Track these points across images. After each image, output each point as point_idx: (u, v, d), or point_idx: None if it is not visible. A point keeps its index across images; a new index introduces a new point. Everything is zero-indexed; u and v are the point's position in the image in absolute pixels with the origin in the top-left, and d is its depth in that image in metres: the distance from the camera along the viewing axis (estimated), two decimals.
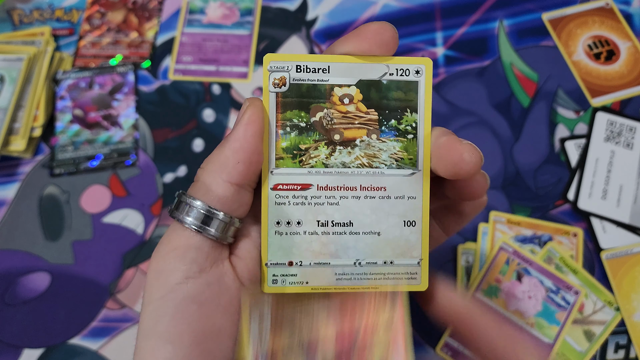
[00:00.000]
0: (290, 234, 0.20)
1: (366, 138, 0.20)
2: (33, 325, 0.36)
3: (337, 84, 0.20)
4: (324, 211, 0.20)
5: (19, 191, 0.40)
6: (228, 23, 0.45)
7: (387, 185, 0.20)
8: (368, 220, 0.20)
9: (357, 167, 0.20)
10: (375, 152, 0.20)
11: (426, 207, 0.20)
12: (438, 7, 0.45)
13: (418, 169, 0.20)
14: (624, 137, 0.39)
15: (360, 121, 0.20)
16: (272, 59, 0.20)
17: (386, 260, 0.20)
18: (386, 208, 0.20)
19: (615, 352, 0.33)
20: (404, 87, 0.20)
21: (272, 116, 0.20)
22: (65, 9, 0.47)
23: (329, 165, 0.20)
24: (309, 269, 0.20)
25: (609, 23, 0.43)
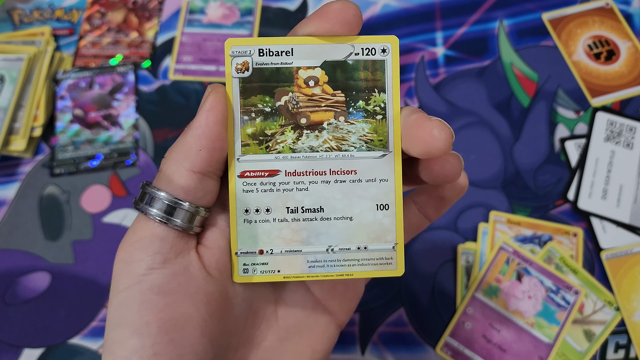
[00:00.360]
0: (260, 222, 0.20)
1: (334, 121, 0.19)
2: (33, 325, 0.36)
3: (301, 66, 0.19)
4: (293, 197, 0.20)
5: (19, 191, 0.40)
6: (228, 23, 0.45)
7: (357, 169, 0.20)
8: (339, 205, 0.20)
9: (326, 151, 0.19)
10: (344, 135, 0.19)
11: (399, 189, 0.20)
12: (438, 7, 0.45)
13: (389, 150, 0.19)
14: (624, 137, 0.39)
15: (327, 103, 0.19)
16: (233, 44, 0.19)
17: (360, 245, 0.20)
18: (358, 192, 0.20)
19: (615, 352, 0.33)
20: (370, 66, 0.19)
21: (237, 102, 0.19)
22: (65, 9, 0.47)
23: (296, 150, 0.19)
24: (280, 257, 0.20)
25: (609, 23, 0.43)
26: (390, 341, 0.34)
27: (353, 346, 0.34)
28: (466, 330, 0.34)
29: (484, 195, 0.38)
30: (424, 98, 0.42)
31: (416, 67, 0.43)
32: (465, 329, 0.34)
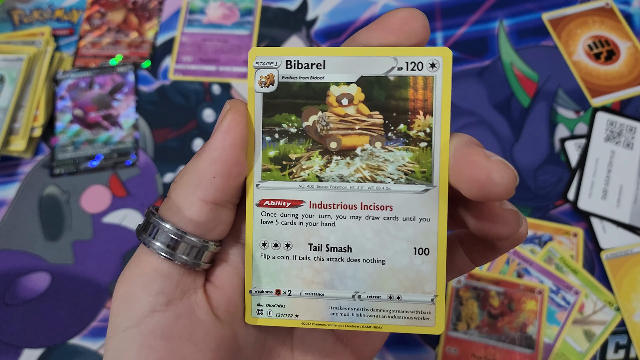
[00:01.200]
0: (279, 258, 0.17)
1: (369, 146, 0.17)
2: (33, 325, 0.36)
3: (334, 81, 0.16)
4: (317, 232, 0.17)
5: (19, 191, 0.40)
6: (228, 23, 0.45)
7: (393, 204, 0.17)
8: (370, 245, 0.17)
9: (358, 182, 0.17)
10: (380, 164, 0.17)
11: (443, 231, 0.16)
12: (438, 7, 0.45)
13: (433, 184, 0.16)
14: (624, 137, 0.39)
15: (362, 126, 0.17)
16: (258, 54, 0.17)
17: (392, 294, 0.17)
18: (392, 231, 0.17)
19: (615, 352, 0.33)
20: (416, 84, 0.16)
21: (258, 120, 0.17)
22: (65, 9, 0.47)
23: (323, 178, 0.17)
24: (300, 300, 0.17)
25: (609, 23, 0.43)
26: (390, 341, 0.34)
27: None
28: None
29: None
30: None
31: None
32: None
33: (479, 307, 0.34)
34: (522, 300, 0.33)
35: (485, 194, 0.15)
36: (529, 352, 0.32)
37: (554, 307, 0.34)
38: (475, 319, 0.34)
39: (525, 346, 0.33)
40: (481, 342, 0.33)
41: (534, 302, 0.33)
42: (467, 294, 0.34)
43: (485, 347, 0.33)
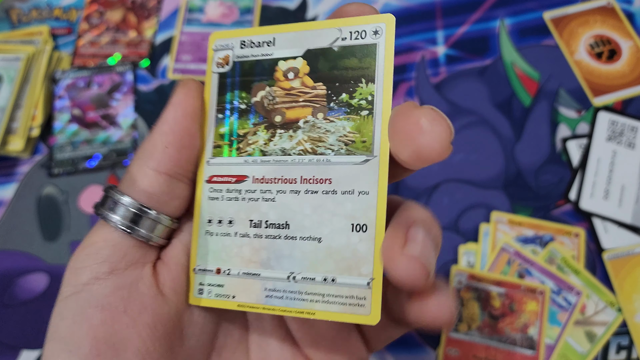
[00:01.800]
0: (221, 235, 0.17)
1: (311, 118, 0.16)
2: (31, 326, 0.36)
3: (282, 57, 0.17)
4: (258, 208, 0.16)
5: (17, 191, 0.40)
6: (227, 22, 0.45)
7: (333, 177, 0.16)
8: (308, 222, 0.16)
9: (299, 154, 0.16)
10: (321, 135, 0.16)
11: (382, 205, 0.15)
12: (439, 5, 0.45)
13: (373, 154, 0.15)
14: (625, 137, 0.38)
15: (305, 98, 0.16)
16: (217, 37, 0.17)
17: (327, 276, 0.16)
18: (331, 206, 0.16)
19: (617, 353, 0.33)
20: (359, 52, 0.16)
21: (213, 99, 0.17)
22: (63, 8, 0.47)
23: (267, 152, 0.16)
24: (237, 280, 0.17)
25: (610, 22, 0.43)
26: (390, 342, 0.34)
27: None
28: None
29: (485, 196, 0.38)
30: (424, 97, 0.41)
31: (417, 67, 0.42)
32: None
33: (480, 308, 0.34)
34: (523, 301, 0.33)
35: (417, 148, 0.13)
36: (530, 353, 0.32)
37: (555, 308, 0.34)
38: (476, 319, 0.33)
39: (527, 347, 0.32)
40: (482, 343, 0.33)
41: (535, 303, 0.33)
42: (468, 295, 0.34)
43: (486, 348, 0.33)
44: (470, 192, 0.38)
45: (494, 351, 0.32)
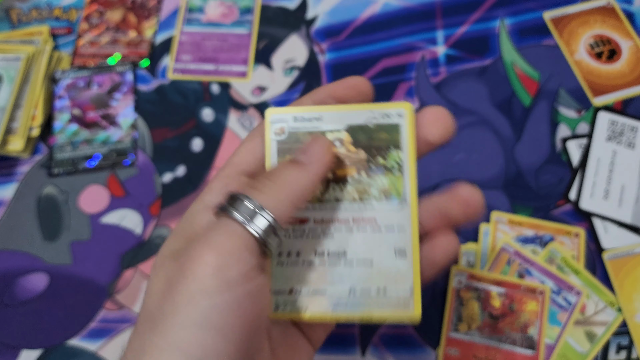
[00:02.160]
0: (291, 265, 0.22)
1: (356, 175, 0.22)
2: (31, 326, 0.36)
3: (329, 129, 0.22)
4: (320, 242, 0.22)
5: (17, 191, 0.40)
6: (227, 22, 0.45)
7: (377, 217, 0.22)
8: (361, 250, 0.22)
9: (349, 202, 0.22)
10: (365, 187, 0.22)
11: (415, 236, 0.21)
12: (439, 5, 0.45)
13: (406, 200, 0.22)
14: (625, 137, 0.38)
15: (350, 160, 0.22)
16: (272, 112, 0.23)
17: (379, 288, 0.21)
18: (377, 238, 0.22)
19: (617, 353, 0.33)
20: (388, 128, 0.22)
21: (274, 161, 0.22)
22: (63, 8, 0.47)
23: (323, 200, 0.22)
24: (307, 297, 0.22)
25: (610, 22, 0.43)
26: (390, 342, 0.34)
27: (353, 347, 0.34)
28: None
29: (485, 196, 0.38)
30: (424, 97, 0.41)
31: (417, 67, 0.42)
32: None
33: (480, 307, 0.34)
34: (523, 301, 0.33)
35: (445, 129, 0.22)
36: (530, 353, 0.32)
37: (555, 308, 0.34)
38: (476, 319, 0.33)
39: (527, 347, 0.33)
40: (482, 343, 0.33)
41: (535, 303, 0.33)
42: (468, 295, 0.34)
43: (486, 348, 0.33)
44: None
45: (494, 351, 0.33)
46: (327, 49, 0.44)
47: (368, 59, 0.43)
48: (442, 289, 0.35)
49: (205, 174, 0.40)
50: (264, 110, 0.42)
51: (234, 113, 0.42)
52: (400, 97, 0.42)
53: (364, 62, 0.43)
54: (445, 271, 0.36)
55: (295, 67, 0.43)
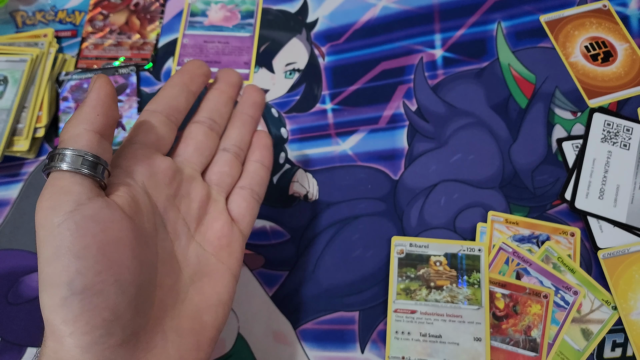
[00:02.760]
0: (404, 340, 0.33)
1: (450, 286, 0.33)
2: (36, 324, 0.36)
3: (432, 254, 0.35)
4: (423, 327, 0.33)
5: (22, 191, 0.40)
6: (229, 25, 0.46)
7: (462, 314, 0.33)
8: (451, 335, 0.32)
9: (444, 302, 0.33)
10: (456, 294, 0.33)
11: (487, 329, 0.32)
12: (437, 9, 0.45)
13: (482, 305, 0.33)
14: (620, 138, 0.39)
15: (446, 275, 0.34)
16: (396, 239, 0.35)
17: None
18: (462, 328, 0.32)
19: (612, 350, 0.34)
20: (472, 257, 0.34)
21: (395, 271, 0.34)
22: (68, 11, 0.47)
23: (427, 300, 0.33)
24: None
25: (606, 25, 0.44)
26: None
27: (353, 344, 0.34)
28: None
29: (482, 195, 0.38)
30: (422, 99, 0.42)
31: (415, 69, 0.43)
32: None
33: None
34: (527, 303, 0.34)
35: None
36: (532, 355, 0.32)
37: (553, 307, 0.34)
38: None
39: (530, 349, 0.33)
40: None
41: (539, 306, 0.34)
42: None
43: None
44: (467, 192, 0.38)
45: (497, 351, 0.33)
46: (327, 52, 0.44)
47: (367, 62, 0.44)
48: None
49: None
50: (265, 111, 0.42)
51: None
52: (399, 98, 0.42)
53: (363, 64, 0.43)
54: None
55: (296, 70, 0.44)
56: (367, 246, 0.37)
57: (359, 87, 0.43)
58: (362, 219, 0.38)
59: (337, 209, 0.38)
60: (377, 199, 0.38)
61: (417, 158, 0.40)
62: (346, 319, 0.35)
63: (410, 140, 0.41)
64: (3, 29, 0.47)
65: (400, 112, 0.42)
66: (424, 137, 0.41)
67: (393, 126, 0.41)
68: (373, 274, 0.36)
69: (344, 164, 0.40)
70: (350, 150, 0.40)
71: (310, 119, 0.42)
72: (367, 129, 0.41)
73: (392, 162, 0.40)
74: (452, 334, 0.32)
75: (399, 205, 0.38)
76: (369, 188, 0.39)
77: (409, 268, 0.34)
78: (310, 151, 0.41)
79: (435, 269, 0.34)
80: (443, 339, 0.32)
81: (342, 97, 0.42)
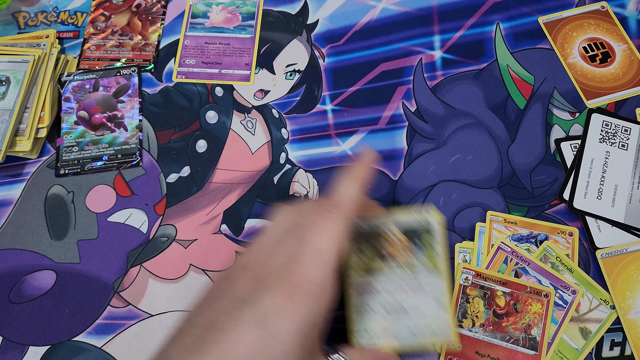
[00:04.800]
0: (365, 313, 0.31)
1: (406, 255, 0.32)
2: (38, 323, 0.36)
3: (386, 226, 0.33)
4: (384, 299, 0.32)
5: (25, 191, 0.41)
6: (230, 27, 0.46)
7: (422, 282, 0.32)
8: (413, 302, 0.31)
9: (402, 272, 0.32)
10: (413, 263, 0.32)
11: (448, 291, 0.31)
12: (436, 10, 0.45)
13: (439, 270, 0.31)
14: (618, 138, 0.39)
15: (401, 246, 0.32)
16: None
17: (427, 326, 0.31)
18: (423, 294, 0.31)
19: (610, 349, 0.34)
20: (424, 224, 0.33)
21: (351, 247, 0.32)
22: (69, 12, 0.48)
23: (385, 272, 0.32)
24: (380, 335, 0.31)
25: (604, 26, 0.44)
26: None
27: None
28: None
29: (480, 195, 0.39)
30: (421, 100, 0.42)
31: (414, 70, 0.43)
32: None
33: (484, 305, 0.34)
34: (527, 302, 0.34)
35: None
36: (532, 353, 0.32)
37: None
38: (481, 317, 0.34)
39: (529, 347, 0.33)
40: (485, 340, 0.33)
41: (539, 305, 0.34)
42: (474, 292, 0.34)
43: (489, 345, 0.33)
44: (466, 192, 0.39)
45: (497, 349, 0.33)
46: (327, 54, 0.44)
47: (367, 63, 0.44)
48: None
49: (209, 174, 0.41)
50: (266, 112, 0.43)
51: (237, 115, 0.43)
52: (398, 99, 0.42)
53: (363, 66, 0.44)
54: (452, 268, 0.36)
55: (297, 71, 0.44)
56: None
57: (359, 88, 0.43)
58: None
59: None
60: (377, 199, 0.39)
61: (416, 158, 0.40)
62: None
63: (410, 140, 0.41)
64: (5, 30, 0.47)
65: (400, 112, 0.42)
66: (423, 137, 0.41)
67: (392, 127, 0.41)
68: None
69: (344, 164, 0.40)
70: (350, 151, 0.41)
71: (311, 120, 0.42)
72: (366, 129, 0.41)
73: (391, 163, 0.40)
74: (412, 301, 0.31)
75: (398, 205, 0.38)
76: (369, 188, 0.39)
77: (363, 242, 0.32)
78: (311, 151, 0.41)
79: (389, 240, 0.32)
80: (405, 308, 0.31)
81: (342, 98, 0.43)
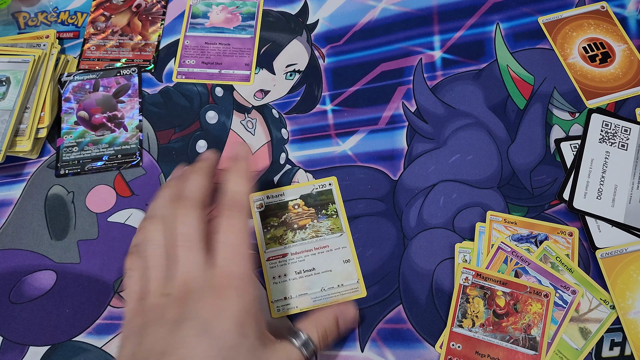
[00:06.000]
0: (282, 282, 0.35)
1: (311, 222, 0.37)
2: (38, 323, 0.36)
3: (289, 199, 0.38)
4: (297, 266, 0.36)
5: (25, 191, 0.41)
6: (230, 27, 0.46)
7: (329, 244, 0.36)
8: (323, 265, 0.36)
9: (310, 238, 0.37)
10: (319, 228, 0.37)
11: (353, 250, 0.36)
12: (435, 11, 0.46)
13: (343, 231, 0.37)
14: (618, 138, 0.39)
15: (306, 215, 0.37)
16: (253, 196, 0.38)
17: (339, 284, 0.35)
18: (331, 256, 0.36)
19: (610, 349, 0.34)
20: (325, 192, 0.38)
21: (259, 223, 0.37)
22: (70, 13, 0.48)
23: (294, 241, 0.36)
24: (296, 299, 0.35)
25: (604, 26, 0.44)
26: (389, 338, 0.35)
27: (352, 343, 0.35)
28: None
29: (480, 195, 0.39)
30: (421, 100, 0.42)
31: (414, 70, 0.43)
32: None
33: (484, 305, 0.34)
34: (527, 302, 0.34)
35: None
36: (532, 353, 0.32)
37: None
38: (481, 317, 0.34)
39: (529, 347, 0.33)
40: (485, 340, 0.33)
41: (539, 305, 0.34)
42: (474, 292, 0.34)
43: (489, 345, 0.33)
44: (466, 192, 0.39)
45: (497, 349, 0.33)
46: (327, 54, 0.45)
47: (367, 63, 0.44)
48: (438, 287, 0.36)
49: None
50: (266, 112, 0.43)
51: (237, 115, 0.43)
52: (398, 99, 0.42)
53: (363, 66, 0.44)
54: (452, 268, 0.37)
55: (297, 71, 0.44)
56: (367, 246, 0.37)
57: (359, 88, 0.43)
58: (361, 219, 0.38)
59: None
60: (377, 199, 0.39)
61: (416, 158, 0.40)
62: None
63: (410, 140, 0.41)
64: (5, 30, 0.47)
65: (400, 113, 0.42)
66: (423, 137, 0.41)
67: (392, 127, 0.41)
68: (373, 273, 0.36)
69: (344, 164, 0.40)
70: (350, 151, 0.41)
71: (311, 120, 0.42)
72: (366, 129, 0.41)
73: (391, 163, 0.40)
74: (323, 264, 0.35)
75: (398, 205, 0.39)
76: (369, 188, 0.39)
77: (271, 218, 0.36)
78: (311, 152, 0.41)
79: (294, 212, 0.37)
80: (317, 270, 0.35)
81: (342, 98, 0.43)
